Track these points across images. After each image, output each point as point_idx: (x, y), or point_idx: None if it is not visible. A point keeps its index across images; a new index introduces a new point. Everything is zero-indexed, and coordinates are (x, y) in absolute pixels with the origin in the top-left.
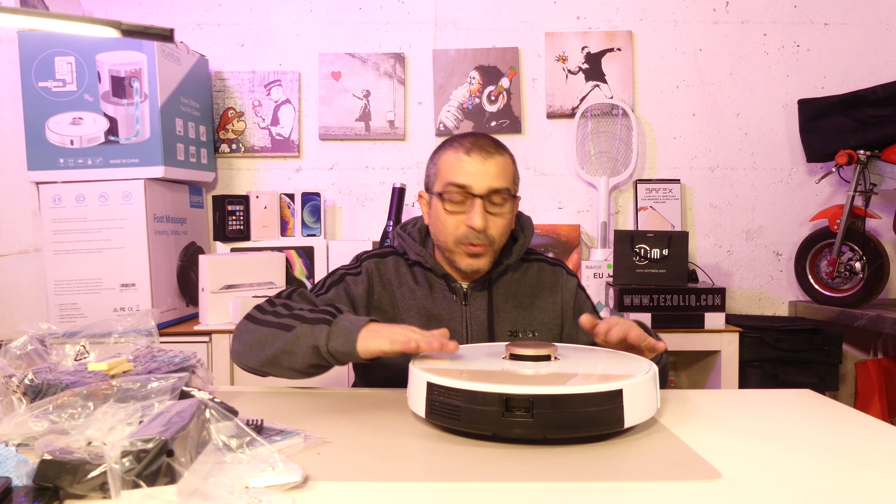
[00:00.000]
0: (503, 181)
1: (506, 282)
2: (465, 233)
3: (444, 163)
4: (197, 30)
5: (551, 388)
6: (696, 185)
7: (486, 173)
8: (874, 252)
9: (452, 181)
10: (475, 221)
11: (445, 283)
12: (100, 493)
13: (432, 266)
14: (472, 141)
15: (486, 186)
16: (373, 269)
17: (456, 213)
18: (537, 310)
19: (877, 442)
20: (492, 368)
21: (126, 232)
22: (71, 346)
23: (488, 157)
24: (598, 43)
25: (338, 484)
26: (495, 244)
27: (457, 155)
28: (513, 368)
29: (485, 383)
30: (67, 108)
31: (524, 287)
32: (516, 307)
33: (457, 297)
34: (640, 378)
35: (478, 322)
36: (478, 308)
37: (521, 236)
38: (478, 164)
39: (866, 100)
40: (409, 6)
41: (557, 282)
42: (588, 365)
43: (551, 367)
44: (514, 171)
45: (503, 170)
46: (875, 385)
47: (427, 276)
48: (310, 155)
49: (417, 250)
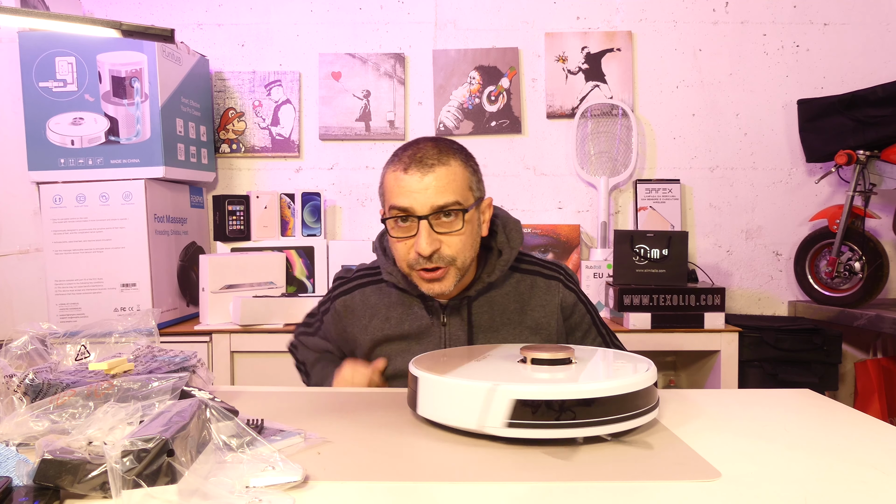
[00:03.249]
0: (448, 195)
1: (489, 298)
2: (415, 258)
3: (386, 183)
4: (197, 30)
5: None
6: (696, 185)
7: (426, 190)
8: (874, 252)
9: (393, 204)
10: (421, 247)
11: (422, 301)
12: (100, 493)
13: (406, 287)
14: (410, 155)
15: (428, 206)
16: (340, 309)
17: (404, 239)
18: (526, 329)
19: (876, 442)
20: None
21: (126, 232)
22: (71, 345)
23: (428, 171)
24: (597, 43)
25: (338, 484)
26: (457, 262)
27: (395, 174)
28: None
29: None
30: (68, 109)
31: (511, 303)
32: (503, 324)
33: (433, 316)
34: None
35: (457, 341)
36: (457, 327)
37: (507, 248)
38: (416, 181)
39: (866, 100)
40: (409, 6)
41: (553, 299)
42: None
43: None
44: (466, 176)
45: (447, 182)
46: (874, 385)
47: (403, 297)
48: (310, 155)
49: (389, 269)
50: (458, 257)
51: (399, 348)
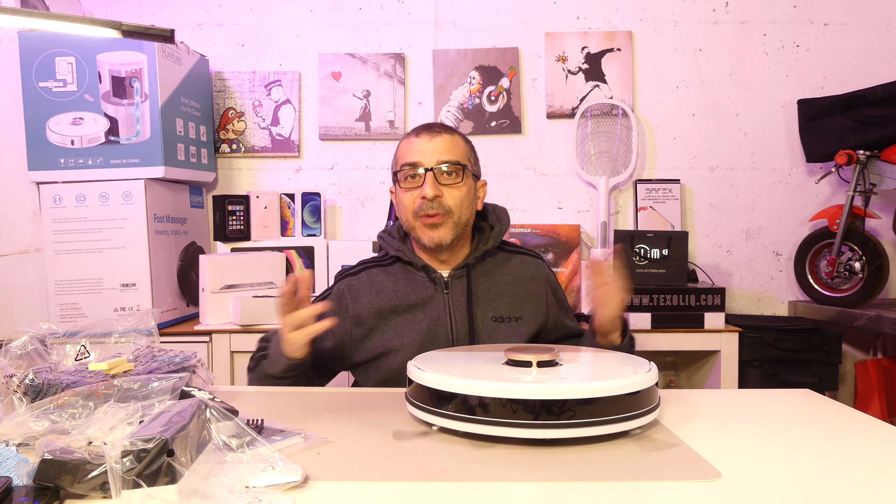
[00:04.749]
0: (452, 155)
1: (485, 269)
2: (420, 205)
3: (399, 150)
4: (197, 30)
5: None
6: (696, 185)
7: (434, 149)
8: (874, 252)
9: (405, 161)
10: (426, 191)
11: (426, 274)
12: (100, 493)
13: (411, 259)
14: (422, 126)
15: (434, 159)
16: (343, 290)
17: (411, 189)
18: (521, 298)
19: (876, 442)
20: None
21: (126, 232)
22: (71, 345)
23: (436, 135)
24: (597, 43)
25: (338, 484)
26: (454, 215)
27: (408, 140)
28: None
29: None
30: (68, 109)
31: (505, 276)
32: (498, 294)
33: (437, 286)
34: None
35: (460, 308)
36: (458, 295)
37: (498, 224)
38: (425, 142)
39: (866, 100)
40: (409, 6)
41: (540, 273)
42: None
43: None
44: (467, 150)
45: (452, 146)
46: (875, 385)
47: (407, 271)
48: (310, 155)
49: (396, 246)
50: (455, 210)
51: (405, 319)
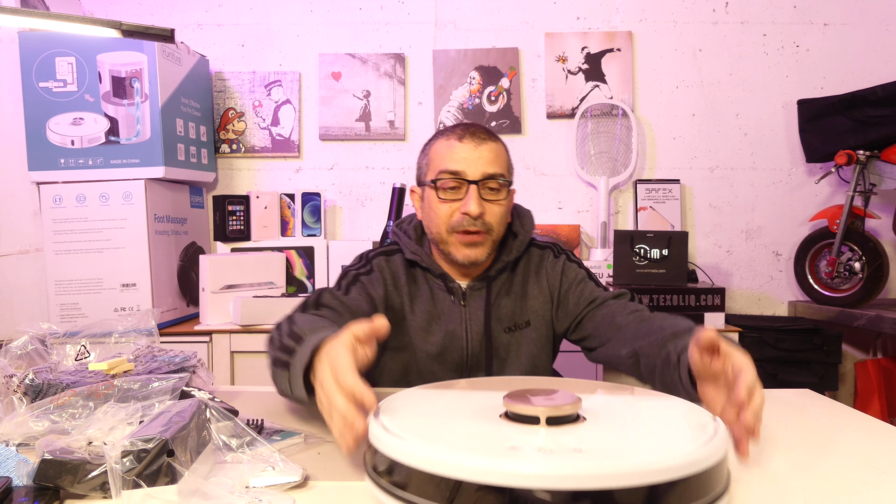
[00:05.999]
0: (497, 167)
1: (504, 277)
2: (459, 220)
3: (435, 151)
4: (197, 30)
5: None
6: (696, 185)
7: (480, 159)
8: (873, 252)
9: (445, 168)
10: (470, 207)
11: (443, 282)
12: (100, 493)
13: (429, 265)
14: (463, 128)
15: (480, 172)
16: (384, 267)
17: (450, 201)
18: (530, 298)
19: (877, 442)
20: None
21: (127, 232)
22: (71, 345)
23: (481, 142)
24: (597, 43)
25: (338, 484)
26: (493, 233)
27: (449, 142)
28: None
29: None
30: (68, 109)
31: (518, 277)
32: (512, 300)
33: (455, 298)
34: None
35: (476, 323)
36: (476, 308)
37: (522, 231)
38: (470, 149)
39: (866, 100)
40: (409, 6)
41: (542, 264)
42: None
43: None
44: (508, 159)
45: (497, 156)
46: (875, 385)
47: (426, 276)
48: (310, 155)
49: (413, 248)
50: (495, 228)
51: (425, 322)
